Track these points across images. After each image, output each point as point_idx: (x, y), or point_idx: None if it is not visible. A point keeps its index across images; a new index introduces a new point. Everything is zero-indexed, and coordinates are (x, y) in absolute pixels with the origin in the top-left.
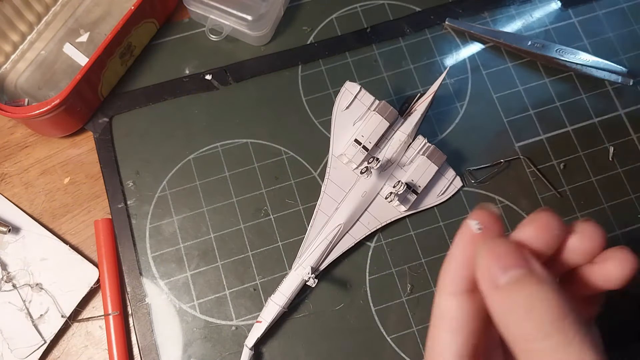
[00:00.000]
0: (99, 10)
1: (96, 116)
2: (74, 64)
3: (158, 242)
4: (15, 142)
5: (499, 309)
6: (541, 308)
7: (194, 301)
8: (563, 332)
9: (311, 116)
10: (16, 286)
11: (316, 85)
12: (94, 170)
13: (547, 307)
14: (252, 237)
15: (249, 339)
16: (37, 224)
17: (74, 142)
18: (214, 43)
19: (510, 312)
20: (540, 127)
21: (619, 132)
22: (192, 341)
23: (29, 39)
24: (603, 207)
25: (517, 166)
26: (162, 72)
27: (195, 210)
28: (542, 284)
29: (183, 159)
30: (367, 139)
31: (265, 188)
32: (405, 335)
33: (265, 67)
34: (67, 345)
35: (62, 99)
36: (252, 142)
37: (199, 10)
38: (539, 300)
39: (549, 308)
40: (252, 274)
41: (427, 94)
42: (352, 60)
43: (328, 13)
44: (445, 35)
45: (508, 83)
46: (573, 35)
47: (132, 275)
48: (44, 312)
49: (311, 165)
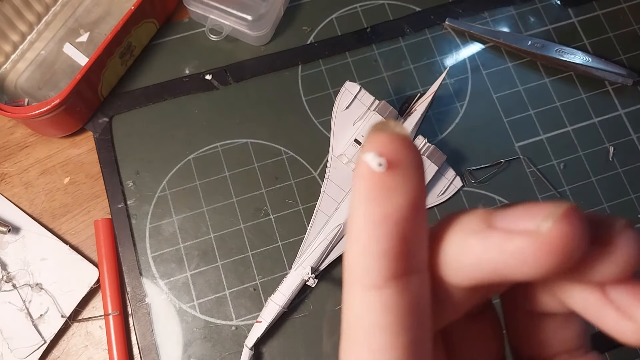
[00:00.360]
0: (99, 10)
1: (96, 116)
2: (74, 64)
3: (158, 242)
4: (15, 142)
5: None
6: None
7: (194, 301)
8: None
9: (311, 116)
10: (16, 286)
11: (316, 85)
12: (94, 170)
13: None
14: (252, 237)
15: (249, 339)
16: (37, 224)
17: (74, 142)
18: (214, 43)
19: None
20: (540, 127)
21: (619, 132)
22: (192, 341)
23: (29, 39)
24: (603, 207)
25: (517, 166)
26: (162, 72)
27: (195, 210)
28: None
29: (183, 159)
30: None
31: (265, 188)
32: None
33: (265, 67)
34: (67, 345)
35: (62, 99)
36: (252, 142)
37: (199, 10)
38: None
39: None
40: (252, 274)
41: (427, 94)
42: (352, 60)
43: (328, 13)
44: (445, 35)
45: (508, 83)
46: (573, 35)
47: (132, 275)
48: (44, 312)
49: (311, 165)
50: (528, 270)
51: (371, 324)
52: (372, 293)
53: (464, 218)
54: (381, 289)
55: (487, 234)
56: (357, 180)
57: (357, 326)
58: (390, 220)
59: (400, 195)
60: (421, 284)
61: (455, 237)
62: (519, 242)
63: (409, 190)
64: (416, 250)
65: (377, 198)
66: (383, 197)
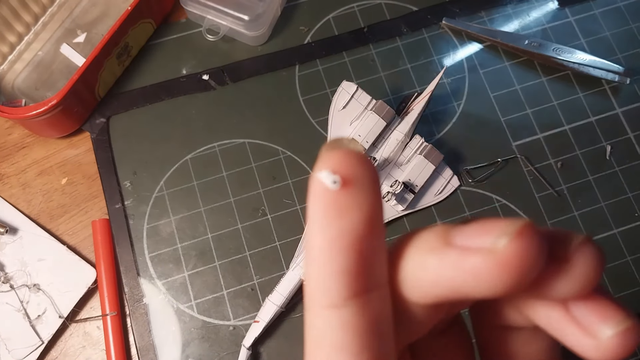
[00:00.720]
0: (96, 10)
1: (93, 117)
2: (71, 64)
3: (155, 242)
4: (13, 143)
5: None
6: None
7: (192, 301)
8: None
9: (308, 116)
10: (14, 287)
11: (313, 85)
12: (92, 170)
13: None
14: (249, 237)
15: (247, 339)
16: (34, 224)
17: (71, 143)
18: (211, 43)
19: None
20: (537, 126)
21: (616, 130)
22: (190, 341)
23: (26, 40)
24: (600, 205)
25: (514, 165)
26: (159, 72)
27: (193, 211)
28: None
29: (180, 159)
30: (364, 139)
31: (263, 188)
32: None
33: (262, 67)
34: (64, 345)
35: (59, 99)
36: (249, 142)
37: (195, 10)
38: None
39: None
40: (249, 274)
41: (424, 94)
42: (349, 60)
43: (325, 13)
44: (442, 35)
45: (505, 82)
46: (570, 34)
47: (129, 275)
48: (42, 312)
49: (309, 165)
50: (485, 288)
51: (331, 343)
52: (331, 312)
53: (423, 235)
54: (340, 308)
55: (444, 251)
56: (311, 198)
57: (317, 346)
58: (346, 238)
59: (355, 213)
60: (381, 302)
61: (413, 255)
62: (474, 260)
63: (364, 207)
64: (375, 267)
65: (332, 216)
66: (338, 214)
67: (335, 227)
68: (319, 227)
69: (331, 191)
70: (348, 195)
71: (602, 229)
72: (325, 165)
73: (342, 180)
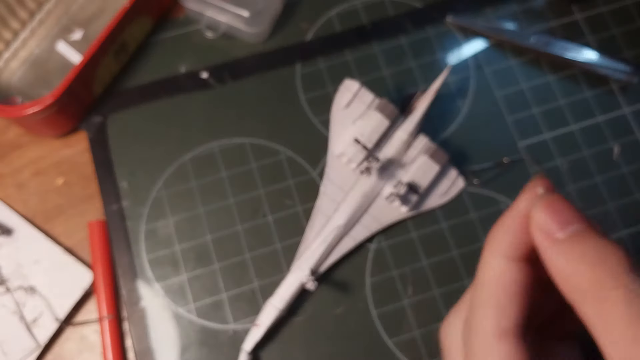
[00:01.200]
0: (93, 7)
1: (90, 115)
2: (68, 62)
3: (153, 244)
4: (8, 143)
5: (559, 261)
6: (608, 260)
7: (191, 304)
8: (636, 281)
9: (310, 115)
10: (9, 289)
11: (315, 83)
12: (88, 170)
13: (615, 259)
14: (249, 239)
15: (247, 343)
16: (30, 225)
17: (67, 142)
18: (211, 41)
19: (573, 263)
20: (544, 125)
21: (623, 130)
22: (189, 345)
23: (22, 37)
24: (608, 206)
25: (521, 166)
26: (158, 70)
27: (192, 212)
28: (605, 239)
29: (179, 159)
30: (368, 138)
31: (263, 189)
32: (406, 338)
33: (262, 65)
34: (61, 349)
35: (55, 98)
36: (249, 141)
37: (194, 7)
38: (605, 252)
39: (618, 259)
40: (249, 276)
41: (429, 92)
42: (351, 57)
43: (327, 10)
44: (447, 32)
45: (511, 81)
46: (577, 32)
47: (127, 278)
48: (38, 315)
49: (310, 165)
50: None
51: (506, 281)
52: (509, 261)
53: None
54: (516, 260)
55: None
56: (526, 194)
57: (495, 282)
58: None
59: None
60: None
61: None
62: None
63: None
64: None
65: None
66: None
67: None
68: (524, 209)
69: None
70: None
71: (610, 231)
72: (539, 184)
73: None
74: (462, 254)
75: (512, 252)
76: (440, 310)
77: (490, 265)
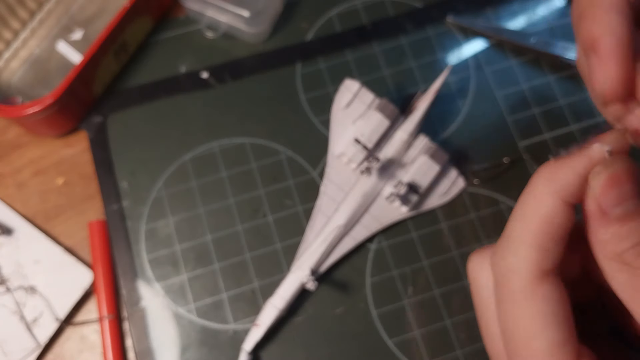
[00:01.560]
0: (94, 7)
1: (90, 115)
2: (68, 62)
3: (154, 244)
4: (9, 142)
5: (606, 237)
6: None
7: (191, 304)
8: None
9: (310, 115)
10: (9, 289)
11: (315, 83)
12: (89, 170)
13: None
14: (249, 239)
15: (247, 343)
16: (30, 225)
17: (68, 142)
18: (211, 40)
19: (621, 241)
20: (544, 126)
21: None
22: (189, 345)
23: (23, 37)
24: None
25: (521, 166)
26: (158, 70)
27: (192, 212)
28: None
29: (179, 159)
30: (368, 138)
31: (263, 188)
32: (406, 338)
33: (263, 65)
34: (61, 349)
35: (56, 97)
36: (249, 141)
37: (195, 6)
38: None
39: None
40: (249, 276)
41: (429, 92)
42: (352, 57)
43: (327, 10)
44: (447, 32)
45: (511, 81)
46: None
47: (127, 278)
48: (38, 315)
49: (310, 165)
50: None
51: (548, 216)
52: (558, 199)
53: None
54: (564, 202)
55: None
56: (586, 153)
57: (538, 213)
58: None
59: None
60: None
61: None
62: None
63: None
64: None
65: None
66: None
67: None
68: (580, 165)
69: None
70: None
71: None
72: (606, 141)
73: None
74: (462, 254)
75: (569, 195)
76: (441, 310)
77: (541, 201)
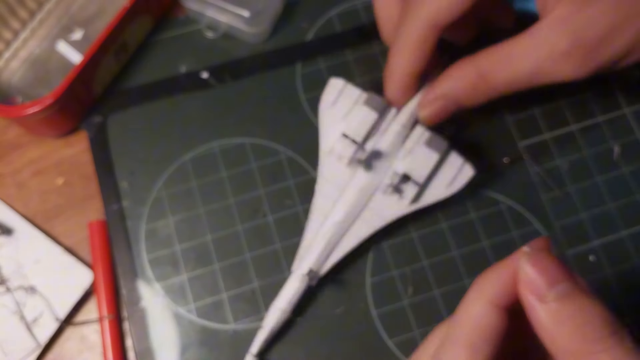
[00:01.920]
0: (94, 7)
1: (90, 115)
2: (68, 62)
3: (154, 244)
4: (8, 142)
5: (547, 321)
6: (595, 321)
7: (191, 304)
8: (620, 344)
9: (310, 115)
10: (10, 289)
11: (316, 83)
12: (89, 170)
13: (602, 321)
14: (249, 239)
15: (253, 346)
16: (30, 225)
17: (68, 142)
18: (211, 40)
19: (561, 324)
20: (544, 125)
21: (624, 131)
22: (189, 345)
23: (23, 37)
24: (609, 207)
25: (521, 166)
26: (158, 70)
27: (192, 212)
28: (592, 299)
29: (179, 159)
30: (355, 131)
31: (263, 189)
32: (406, 338)
33: (263, 65)
34: (61, 349)
35: (56, 98)
36: (250, 141)
37: (195, 7)
38: (592, 314)
39: (604, 321)
40: (249, 276)
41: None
42: (352, 57)
43: (328, 10)
44: None
45: None
46: None
47: (127, 278)
48: (38, 315)
49: (310, 165)
50: None
51: (485, 326)
52: (493, 308)
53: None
54: (500, 309)
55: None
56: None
57: (474, 324)
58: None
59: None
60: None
61: None
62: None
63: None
64: None
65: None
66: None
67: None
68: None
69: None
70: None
71: (610, 231)
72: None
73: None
74: (462, 254)
75: (498, 299)
76: (441, 310)
77: (472, 306)
